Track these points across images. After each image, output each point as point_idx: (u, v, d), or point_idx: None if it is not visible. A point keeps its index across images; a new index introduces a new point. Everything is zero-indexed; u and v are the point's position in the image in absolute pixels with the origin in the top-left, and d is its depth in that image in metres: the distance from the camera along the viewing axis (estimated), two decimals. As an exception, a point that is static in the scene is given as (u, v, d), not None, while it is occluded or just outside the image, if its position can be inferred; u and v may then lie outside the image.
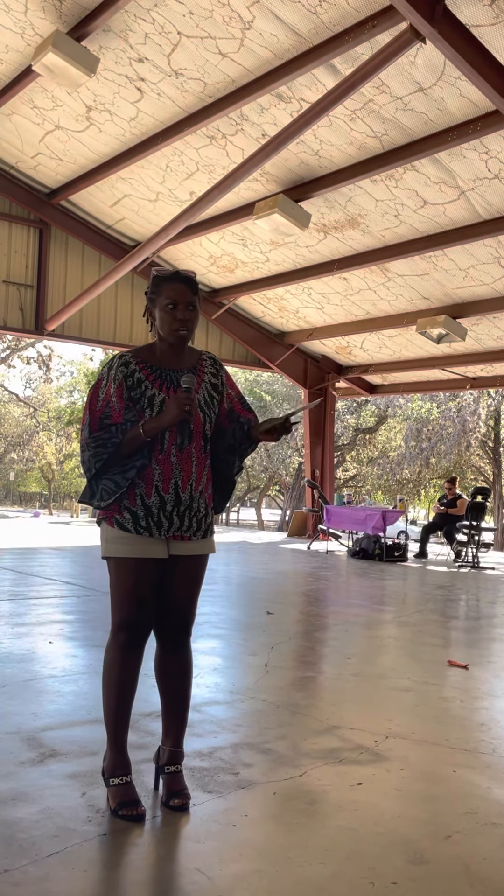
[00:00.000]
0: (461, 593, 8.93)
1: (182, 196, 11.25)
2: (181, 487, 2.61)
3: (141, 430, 2.54)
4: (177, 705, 2.75)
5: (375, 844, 2.44)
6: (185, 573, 2.69)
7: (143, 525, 2.59)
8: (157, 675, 2.77)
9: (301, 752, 3.24)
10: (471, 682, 4.60)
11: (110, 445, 2.56)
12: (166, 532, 2.61)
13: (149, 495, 2.59)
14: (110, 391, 2.61)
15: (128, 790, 2.58)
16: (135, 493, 2.60)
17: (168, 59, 8.38)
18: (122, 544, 2.60)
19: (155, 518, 2.60)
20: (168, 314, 2.62)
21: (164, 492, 2.60)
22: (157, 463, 2.60)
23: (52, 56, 7.64)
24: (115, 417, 2.59)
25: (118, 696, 2.63)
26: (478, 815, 2.70)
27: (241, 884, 2.17)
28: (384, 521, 12.33)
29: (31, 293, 12.82)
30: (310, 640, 5.75)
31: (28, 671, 4.32)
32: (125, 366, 2.63)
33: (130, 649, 2.62)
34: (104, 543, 2.66)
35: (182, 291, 2.62)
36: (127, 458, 2.59)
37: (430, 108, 8.00)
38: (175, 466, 2.61)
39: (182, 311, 2.62)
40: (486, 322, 12.55)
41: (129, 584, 2.60)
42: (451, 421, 25.70)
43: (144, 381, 2.62)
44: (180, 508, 2.62)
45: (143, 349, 2.72)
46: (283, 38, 7.55)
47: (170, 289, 2.63)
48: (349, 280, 12.46)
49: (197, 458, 2.65)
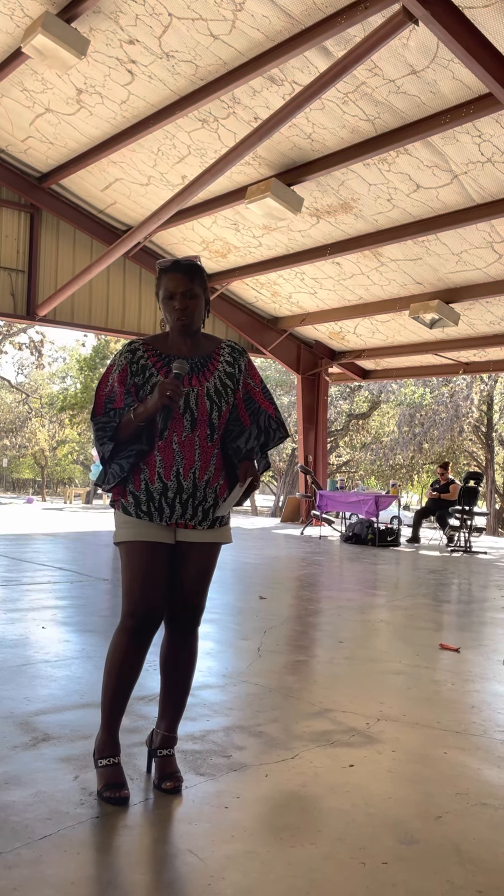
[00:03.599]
0: (453, 578, 8.97)
1: (174, 180, 11.18)
2: (183, 475, 2.60)
3: (132, 415, 2.56)
4: (177, 693, 2.75)
5: (366, 825, 2.46)
6: (193, 562, 2.67)
7: (144, 510, 2.60)
8: (162, 661, 2.76)
9: (293, 734, 3.26)
10: (462, 664, 4.63)
11: (109, 429, 2.60)
12: (168, 518, 2.61)
13: (152, 481, 2.60)
14: (115, 377, 2.65)
15: (114, 772, 2.59)
16: (140, 479, 2.61)
17: (159, 41, 8.31)
18: (129, 528, 2.62)
19: (156, 503, 2.60)
20: (167, 305, 2.63)
21: (165, 479, 2.59)
22: (158, 450, 2.60)
23: (42, 38, 7.56)
24: (117, 402, 2.62)
25: (117, 681, 2.62)
26: (468, 795, 2.73)
27: (233, 864, 2.18)
28: (377, 506, 12.36)
29: (23, 278, 12.75)
30: (302, 625, 5.78)
31: (21, 656, 4.33)
32: (132, 352, 2.65)
33: (136, 636, 2.59)
34: (115, 529, 2.69)
35: (178, 281, 2.60)
36: (129, 443, 2.61)
37: (422, 91, 7.96)
38: (177, 454, 2.60)
39: (180, 301, 2.60)
40: (479, 307, 12.55)
41: (138, 567, 2.59)
42: (443, 406, 25.75)
43: (150, 367, 2.63)
44: (182, 496, 2.60)
45: (158, 336, 2.73)
46: (274, 19, 7.48)
47: (167, 280, 2.62)
48: (342, 265, 12.42)
49: (201, 447, 2.62)
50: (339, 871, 2.18)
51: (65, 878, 2.09)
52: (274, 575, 8.54)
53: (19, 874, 2.08)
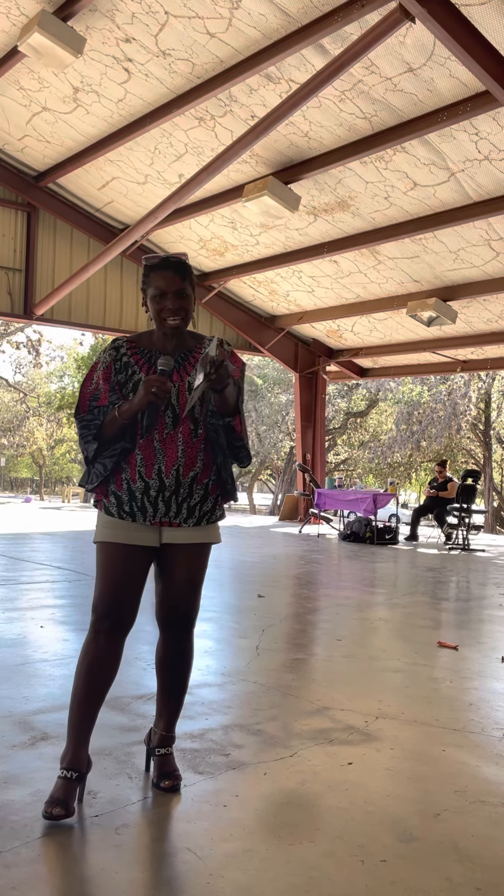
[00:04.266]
0: (451, 575, 8.98)
1: (171, 178, 11.17)
2: (164, 473, 2.53)
3: (116, 413, 2.51)
4: (174, 693, 2.71)
5: (365, 823, 2.46)
6: (182, 562, 2.61)
7: (126, 510, 2.55)
8: (157, 662, 2.72)
9: (292, 732, 3.26)
10: (460, 662, 4.63)
11: (93, 427, 2.55)
12: (152, 518, 2.55)
13: (134, 480, 2.54)
14: (99, 375, 2.61)
15: (63, 787, 2.42)
16: (121, 478, 2.56)
17: (155, 40, 8.30)
18: (108, 528, 2.56)
19: (139, 503, 2.54)
20: (157, 304, 2.56)
21: (147, 477, 2.54)
22: (139, 448, 2.55)
23: (38, 36, 7.54)
24: (101, 400, 2.58)
25: (86, 683, 2.50)
26: (466, 793, 2.73)
27: (232, 863, 2.18)
28: (375, 504, 12.37)
29: (20, 277, 12.73)
30: (301, 623, 5.78)
31: (19, 655, 4.33)
32: (115, 350, 2.62)
33: (104, 638, 2.50)
34: (96, 528, 2.63)
35: (170, 279, 2.55)
36: (112, 441, 2.55)
37: (419, 89, 7.95)
38: (158, 451, 2.54)
39: (171, 300, 2.55)
40: (476, 305, 12.55)
41: (110, 569, 2.53)
42: (441, 404, 25.74)
43: (133, 365, 2.59)
44: (165, 494, 2.54)
45: (143, 334, 2.69)
46: (271, 17, 7.48)
47: (157, 277, 2.56)
48: (339, 263, 12.42)
49: (185, 443, 2.56)
50: (337, 869, 2.18)
51: (63, 877, 2.10)
52: (272, 573, 8.54)
53: (18, 873, 2.08)
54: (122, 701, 3.54)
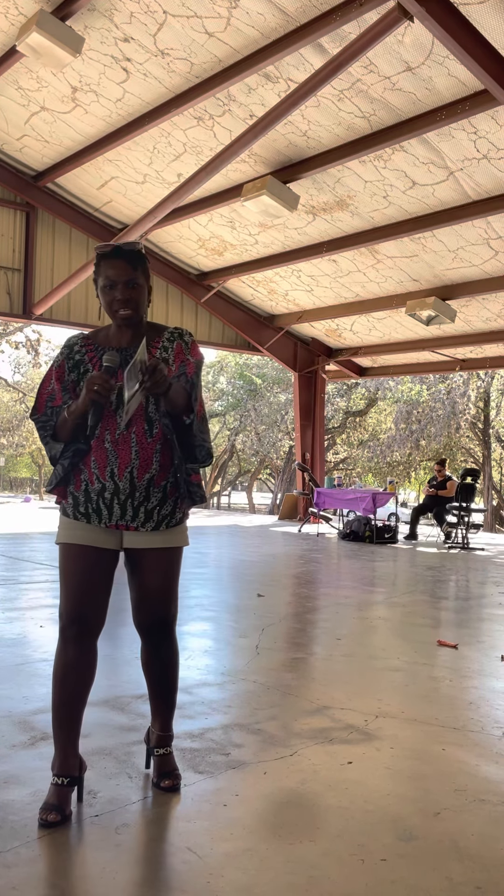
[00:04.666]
0: (451, 574, 8.98)
1: (169, 178, 11.17)
2: (117, 475, 2.45)
3: (66, 413, 2.43)
4: (163, 695, 2.67)
5: (365, 822, 2.46)
6: (149, 568, 2.53)
7: (81, 511, 2.48)
8: (143, 667, 2.68)
9: (292, 732, 3.26)
10: (460, 661, 4.63)
11: (49, 428, 2.49)
12: (107, 520, 2.47)
13: (91, 482, 2.47)
14: (53, 374, 2.55)
15: (56, 793, 2.41)
16: (80, 479, 2.50)
17: (154, 39, 8.29)
18: (66, 530, 2.51)
19: (94, 505, 2.47)
20: (107, 295, 2.47)
21: (101, 479, 2.46)
22: (92, 450, 2.47)
23: (37, 36, 7.53)
24: (56, 400, 2.51)
25: (61, 692, 2.46)
26: (466, 792, 2.73)
27: (232, 862, 2.18)
28: (374, 503, 12.37)
29: (19, 277, 12.73)
30: (300, 622, 5.78)
31: (19, 655, 4.33)
32: (68, 348, 2.55)
33: (73, 644, 2.45)
34: (57, 530, 2.58)
35: (120, 269, 2.43)
36: (69, 442, 2.48)
37: (418, 88, 7.95)
38: (110, 453, 2.45)
39: (121, 291, 2.44)
40: (475, 304, 12.55)
41: (71, 572, 2.47)
42: (440, 403, 25.75)
43: (87, 362, 2.51)
44: (120, 497, 2.46)
45: (101, 329, 2.61)
46: (269, 16, 7.47)
47: (107, 266, 2.46)
48: (338, 262, 12.42)
49: (139, 444, 2.45)
50: (337, 868, 2.18)
51: (63, 877, 2.10)
52: (272, 572, 8.54)
53: (18, 873, 2.08)
54: (122, 700, 3.54)
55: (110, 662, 4.05)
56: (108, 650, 4.15)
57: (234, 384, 30.71)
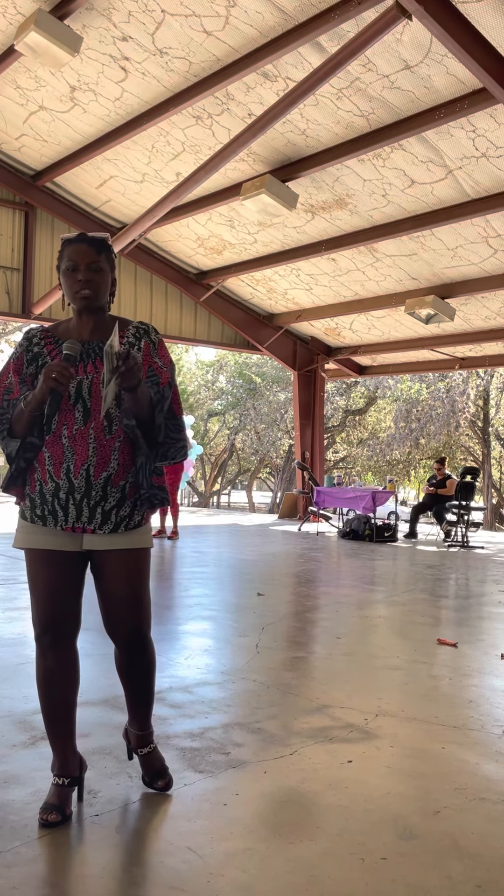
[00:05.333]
0: (451, 573, 8.98)
1: (168, 177, 11.16)
2: (73, 473, 2.34)
3: (22, 404, 2.33)
4: (139, 700, 2.59)
5: (365, 821, 2.47)
6: (113, 574, 2.43)
7: (38, 513, 2.39)
8: (118, 672, 2.58)
9: (292, 731, 3.26)
10: (460, 659, 4.63)
11: (4, 422, 2.39)
12: (63, 523, 2.36)
13: (45, 481, 2.37)
14: (10, 366, 2.46)
15: (56, 793, 2.42)
16: (34, 479, 2.40)
17: (152, 38, 8.29)
18: (25, 534, 2.42)
19: (49, 506, 2.37)
20: (68, 277, 2.41)
21: (56, 477, 2.35)
22: (45, 446, 2.37)
23: (35, 35, 7.53)
24: (14, 393, 2.41)
25: (47, 700, 2.45)
26: (466, 790, 2.73)
27: (233, 862, 2.19)
28: (374, 501, 12.37)
29: (18, 276, 12.73)
30: (300, 621, 5.78)
31: (19, 655, 4.33)
32: (28, 340, 2.47)
33: (51, 653, 2.41)
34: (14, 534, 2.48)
35: (83, 252, 2.39)
36: (23, 437, 2.37)
37: (416, 86, 7.95)
38: (66, 449, 2.34)
39: (83, 273, 2.38)
40: (474, 302, 12.55)
41: (39, 579, 2.40)
42: (440, 401, 25.76)
43: (45, 355, 2.44)
44: (75, 496, 2.35)
45: (61, 322, 2.54)
46: (268, 15, 7.47)
47: (71, 250, 2.41)
48: (337, 261, 12.42)
49: (97, 440, 2.35)
50: (337, 867, 2.18)
51: (63, 876, 2.10)
52: (271, 571, 8.54)
53: (18, 873, 2.09)
54: (122, 700, 3.52)
55: (109, 661, 4.03)
56: (107, 649, 4.14)
57: (234, 383, 30.71)
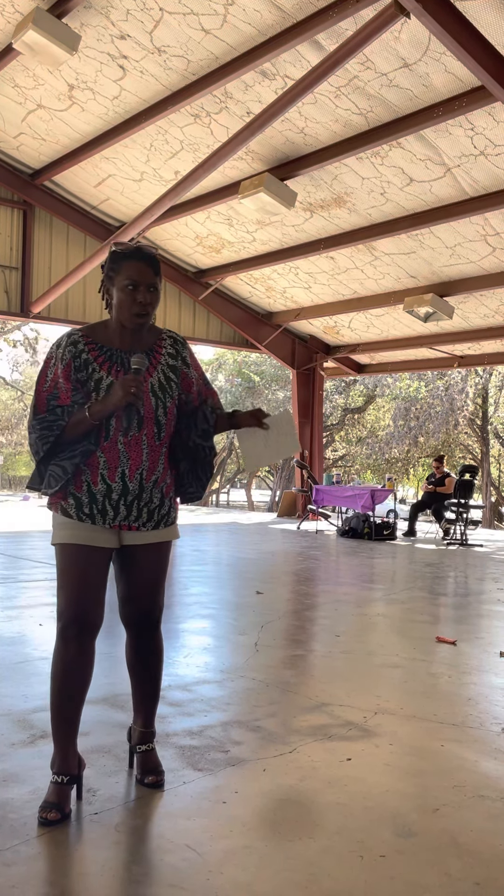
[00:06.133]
0: (450, 570, 8.99)
1: (167, 175, 11.16)
2: (128, 476, 2.47)
3: (87, 413, 2.40)
4: (147, 692, 2.68)
5: (364, 819, 2.47)
6: (143, 563, 2.57)
7: (86, 512, 2.47)
8: (128, 662, 2.69)
9: (291, 729, 3.26)
10: (459, 657, 4.64)
11: (56, 428, 2.43)
12: (111, 521, 2.48)
13: (95, 482, 2.46)
14: (58, 372, 2.47)
15: (56, 792, 2.42)
16: (81, 480, 2.47)
17: (150, 36, 8.28)
18: (66, 530, 2.48)
19: (99, 506, 2.47)
20: (128, 295, 2.44)
21: (110, 480, 2.46)
22: (101, 450, 2.46)
23: (33, 34, 7.52)
24: (62, 399, 2.46)
25: (61, 691, 2.47)
26: (465, 788, 2.74)
27: (232, 859, 2.19)
28: (373, 500, 12.37)
29: (16, 275, 12.72)
30: (299, 619, 5.78)
31: (18, 654, 4.33)
32: (73, 345, 2.47)
33: (74, 642, 2.45)
34: (53, 530, 2.54)
35: (144, 271, 2.44)
36: (73, 442, 2.45)
37: (415, 85, 7.95)
38: (122, 454, 2.46)
39: (143, 294, 2.44)
40: (473, 300, 12.55)
41: (73, 572, 2.46)
42: (439, 400, 25.76)
43: (92, 362, 2.47)
44: (128, 498, 2.48)
45: (96, 326, 2.55)
46: (266, 13, 7.46)
47: (130, 267, 2.44)
48: (336, 259, 12.42)
49: (149, 446, 2.50)
50: (337, 865, 2.18)
51: (63, 875, 2.10)
52: (271, 570, 8.55)
53: (17, 871, 2.09)
54: (121, 698, 3.54)
55: (109, 660, 4.04)
56: (107, 648, 4.15)
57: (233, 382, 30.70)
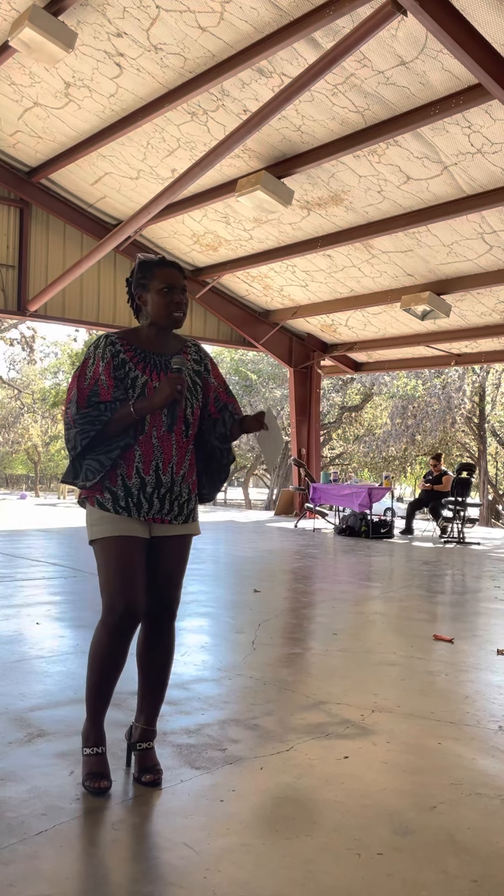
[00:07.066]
0: (447, 569, 9.00)
1: (163, 173, 11.14)
2: (162, 470, 2.64)
3: (132, 409, 2.57)
4: (155, 686, 2.76)
5: (361, 816, 2.47)
6: (169, 555, 2.70)
7: (122, 505, 2.61)
8: (140, 654, 2.76)
9: (288, 727, 3.27)
10: (456, 655, 4.64)
11: (98, 423, 2.58)
12: (146, 514, 2.63)
13: (129, 476, 2.62)
14: (98, 369, 2.63)
15: (98, 761, 2.62)
16: (116, 474, 2.62)
17: (147, 34, 8.27)
18: (105, 524, 2.61)
19: (134, 499, 2.62)
20: (164, 297, 2.66)
21: (144, 473, 2.62)
22: (138, 445, 2.63)
23: (30, 31, 7.50)
24: (103, 395, 2.61)
25: (101, 675, 2.64)
26: (462, 785, 2.74)
27: (229, 857, 2.19)
28: (370, 498, 12.38)
29: (13, 273, 12.70)
30: (297, 617, 5.79)
31: (16, 652, 4.33)
32: (112, 345, 2.66)
33: (121, 633, 2.59)
34: (90, 527, 2.67)
35: (176, 276, 2.69)
36: (112, 437, 2.60)
37: (412, 82, 7.94)
38: (156, 448, 2.64)
39: (178, 294, 2.68)
40: (470, 298, 12.55)
41: (117, 564, 2.59)
42: (436, 398, 25.77)
43: (129, 362, 2.65)
44: (161, 491, 2.64)
45: (129, 332, 2.75)
46: (263, 11, 7.45)
47: (164, 273, 2.68)
48: (333, 257, 12.41)
49: (178, 443, 2.68)
50: (334, 863, 2.19)
51: (60, 873, 2.10)
52: (268, 568, 8.55)
53: (15, 870, 2.09)
54: (119, 697, 3.53)
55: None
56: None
57: (230, 380, 30.68)
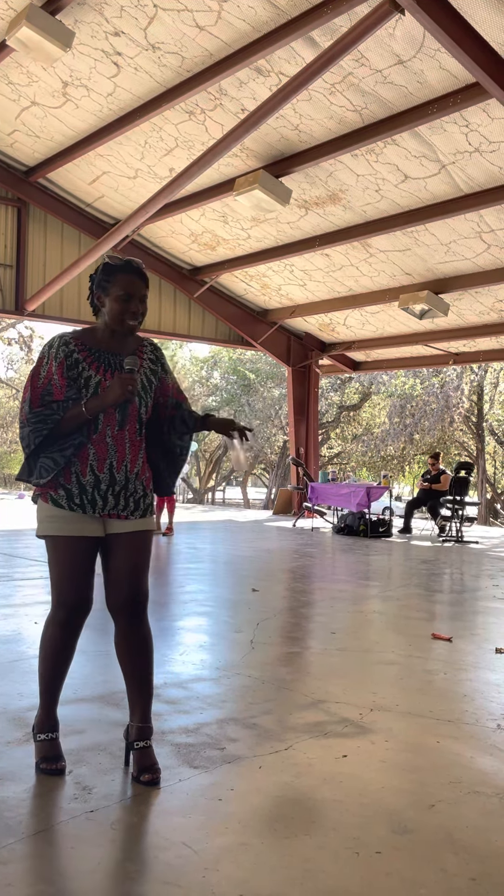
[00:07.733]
0: (445, 567, 9.00)
1: (161, 173, 11.13)
2: (116, 468, 2.68)
3: (83, 408, 2.60)
4: (140, 683, 2.76)
5: (360, 815, 2.47)
6: (127, 550, 2.74)
7: (76, 502, 2.65)
8: (118, 654, 2.79)
9: (286, 726, 3.27)
10: (454, 654, 4.64)
11: (50, 422, 2.62)
12: (101, 510, 2.68)
13: (84, 474, 2.66)
14: (52, 369, 2.66)
15: (52, 746, 2.74)
16: (70, 472, 2.66)
17: (145, 33, 8.26)
18: (56, 522, 2.67)
19: (89, 496, 2.66)
20: (121, 304, 2.68)
21: (98, 471, 2.66)
22: (91, 443, 2.66)
23: (27, 30, 7.49)
24: (56, 395, 2.65)
25: (52, 668, 2.74)
26: (461, 784, 2.74)
27: (227, 856, 2.19)
28: (369, 497, 12.38)
29: (11, 273, 12.69)
30: (295, 616, 5.79)
31: (13, 652, 4.33)
32: (66, 345, 2.68)
33: (68, 627, 2.70)
34: (40, 523, 2.72)
35: (136, 284, 2.70)
36: (66, 436, 2.64)
37: (409, 81, 7.94)
38: (110, 447, 2.68)
39: (135, 304, 2.69)
40: (468, 297, 12.55)
41: (66, 561, 2.67)
42: (434, 397, 25.78)
43: (82, 362, 2.67)
44: (115, 488, 2.69)
45: (85, 332, 2.77)
46: (260, 10, 7.45)
47: (124, 280, 2.69)
48: (331, 256, 12.41)
49: (131, 441, 2.72)
50: (332, 862, 2.18)
51: (59, 873, 2.10)
52: (266, 567, 8.55)
53: (14, 869, 2.08)
54: (117, 696, 3.53)
55: (105, 658, 4.04)
56: (103, 647, 4.14)
57: (228, 379, 30.70)
